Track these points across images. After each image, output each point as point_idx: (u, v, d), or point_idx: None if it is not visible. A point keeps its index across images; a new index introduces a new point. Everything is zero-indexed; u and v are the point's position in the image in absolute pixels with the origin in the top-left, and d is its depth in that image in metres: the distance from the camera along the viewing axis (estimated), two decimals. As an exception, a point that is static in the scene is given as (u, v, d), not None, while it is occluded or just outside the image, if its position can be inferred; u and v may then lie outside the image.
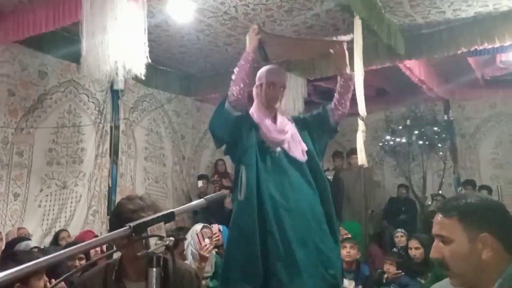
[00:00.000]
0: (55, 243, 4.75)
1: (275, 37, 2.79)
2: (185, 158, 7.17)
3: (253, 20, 4.80)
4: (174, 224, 4.70)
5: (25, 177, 5.10)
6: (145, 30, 3.71)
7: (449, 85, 6.88)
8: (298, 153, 2.55)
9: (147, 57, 3.69)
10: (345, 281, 3.64)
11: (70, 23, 4.17)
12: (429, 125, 7.26)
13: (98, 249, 3.88)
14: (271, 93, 2.57)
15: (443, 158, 7.31)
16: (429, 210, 6.66)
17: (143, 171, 6.45)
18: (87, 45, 3.61)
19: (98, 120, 5.84)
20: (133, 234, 1.15)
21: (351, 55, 2.92)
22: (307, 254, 2.33)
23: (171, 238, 1.18)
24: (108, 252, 2.35)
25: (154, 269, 1.17)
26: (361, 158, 3.91)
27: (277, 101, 2.61)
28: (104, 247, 3.79)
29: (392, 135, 7.49)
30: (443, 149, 7.31)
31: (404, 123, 7.38)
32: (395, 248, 4.87)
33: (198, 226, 3.90)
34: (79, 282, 1.83)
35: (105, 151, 5.87)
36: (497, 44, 4.77)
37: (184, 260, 3.27)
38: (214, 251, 3.89)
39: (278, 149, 2.52)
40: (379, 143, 7.64)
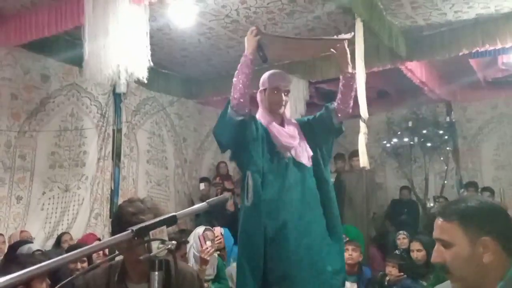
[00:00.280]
0: (58, 246, 4.76)
1: (274, 38, 2.75)
2: (187, 161, 7.18)
3: (255, 23, 4.80)
4: (176, 226, 4.70)
5: (28, 180, 5.12)
6: (147, 33, 3.72)
7: (451, 87, 6.87)
8: (305, 158, 2.53)
9: (149, 60, 3.70)
10: (347, 284, 3.62)
11: (73, 27, 4.18)
12: (431, 127, 7.25)
13: (100, 252, 3.88)
14: (275, 98, 2.54)
15: (445, 160, 7.30)
16: (431, 212, 6.65)
17: (145, 174, 6.46)
18: (89, 49, 3.63)
19: (100, 123, 5.85)
20: (135, 238, 1.16)
21: (353, 57, 2.91)
22: (310, 266, 2.33)
23: (173, 242, 1.19)
24: (111, 255, 2.36)
25: (156, 272, 1.18)
26: (363, 160, 3.89)
27: (282, 106, 2.57)
28: (106, 250, 3.80)
29: (394, 137, 7.48)
30: (445, 151, 7.29)
31: (406, 125, 7.37)
32: (397, 250, 4.86)
33: (200, 229, 3.90)
34: (82, 283, 1.83)
35: (107, 154, 5.88)
36: (499, 46, 4.77)
37: (186, 263, 3.27)
38: (216, 254, 3.90)
39: (288, 154, 2.50)
40: (381, 145, 7.63)
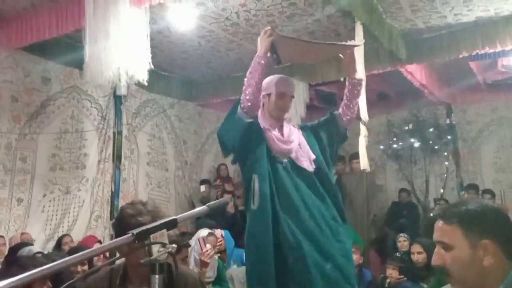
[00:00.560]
0: (58, 248, 4.76)
1: (288, 40, 2.63)
2: (188, 163, 7.18)
3: (255, 26, 4.82)
4: (177, 229, 4.70)
5: (29, 182, 5.12)
6: (147, 36, 3.73)
7: (451, 89, 6.89)
8: (306, 163, 2.51)
9: (149, 63, 3.71)
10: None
11: (73, 30, 4.20)
12: (431, 129, 7.24)
13: (101, 255, 3.88)
14: (281, 103, 2.52)
15: (446, 162, 7.30)
16: (432, 214, 6.64)
17: (145, 176, 6.46)
18: (90, 51, 3.64)
19: (101, 126, 5.86)
20: (136, 241, 1.16)
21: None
22: (320, 267, 2.31)
23: (173, 245, 1.19)
24: (112, 259, 2.37)
25: (157, 276, 1.18)
26: (363, 163, 3.90)
27: (286, 112, 2.57)
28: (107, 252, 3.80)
29: (394, 139, 7.48)
30: (445, 153, 7.29)
31: (406, 127, 7.35)
32: (397, 253, 4.86)
33: (203, 232, 3.91)
34: (84, 286, 1.83)
35: (108, 157, 5.89)
36: (499, 49, 4.77)
37: (187, 266, 3.27)
38: (217, 256, 3.90)
39: (285, 159, 2.48)
40: (381, 147, 7.62)
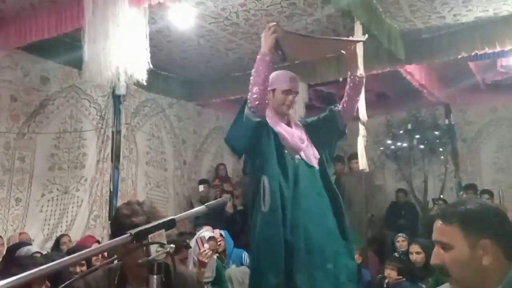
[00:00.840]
0: (56, 248, 4.74)
1: (293, 36, 2.57)
2: (186, 163, 7.18)
3: (254, 25, 4.82)
4: (175, 229, 4.70)
5: (27, 182, 5.11)
6: (146, 36, 3.73)
7: (450, 90, 6.88)
8: (314, 160, 2.49)
9: (148, 62, 3.71)
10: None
11: (72, 29, 4.19)
12: (430, 129, 7.25)
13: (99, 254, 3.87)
14: (286, 100, 2.50)
15: (445, 163, 7.29)
16: (430, 214, 6.65)
17: (144, 176, 6.45)
18: (89, 51, 3.64)
19: (99, 125, 5.85)
20: (134, 242, 1.16)
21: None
22: (325, 270, 2.31)
23: (172, 246, 1.19)
24: (110, 259, 2.36)
25: (155, 276, 1.18)
26: (362, 163, 3.90)
27: (291, 108, 2.55)
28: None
29: (393, 139, 7.48)
30: (444, 154, 7.29)
31: (405, 128, 7.37)
32: (396, 253, 4.86)
33: (204, 233, 3.90)
34: (82, 286, 1.82)
35: (106, 156, 5.88)
36: (498, 49, 4.77)
37: (186, 266, 3.26)
38: (215, 256, 3.89)
39: (297, 156, 2.45)
40: (380, 147, 7.63)
